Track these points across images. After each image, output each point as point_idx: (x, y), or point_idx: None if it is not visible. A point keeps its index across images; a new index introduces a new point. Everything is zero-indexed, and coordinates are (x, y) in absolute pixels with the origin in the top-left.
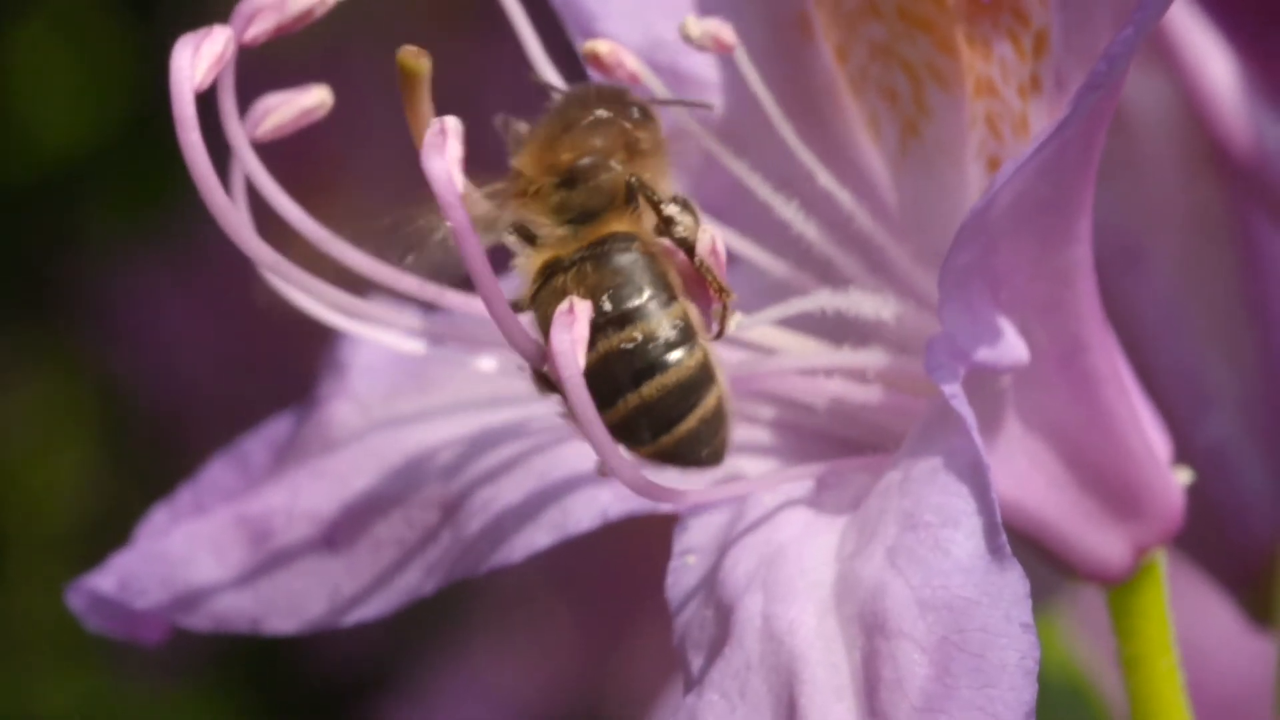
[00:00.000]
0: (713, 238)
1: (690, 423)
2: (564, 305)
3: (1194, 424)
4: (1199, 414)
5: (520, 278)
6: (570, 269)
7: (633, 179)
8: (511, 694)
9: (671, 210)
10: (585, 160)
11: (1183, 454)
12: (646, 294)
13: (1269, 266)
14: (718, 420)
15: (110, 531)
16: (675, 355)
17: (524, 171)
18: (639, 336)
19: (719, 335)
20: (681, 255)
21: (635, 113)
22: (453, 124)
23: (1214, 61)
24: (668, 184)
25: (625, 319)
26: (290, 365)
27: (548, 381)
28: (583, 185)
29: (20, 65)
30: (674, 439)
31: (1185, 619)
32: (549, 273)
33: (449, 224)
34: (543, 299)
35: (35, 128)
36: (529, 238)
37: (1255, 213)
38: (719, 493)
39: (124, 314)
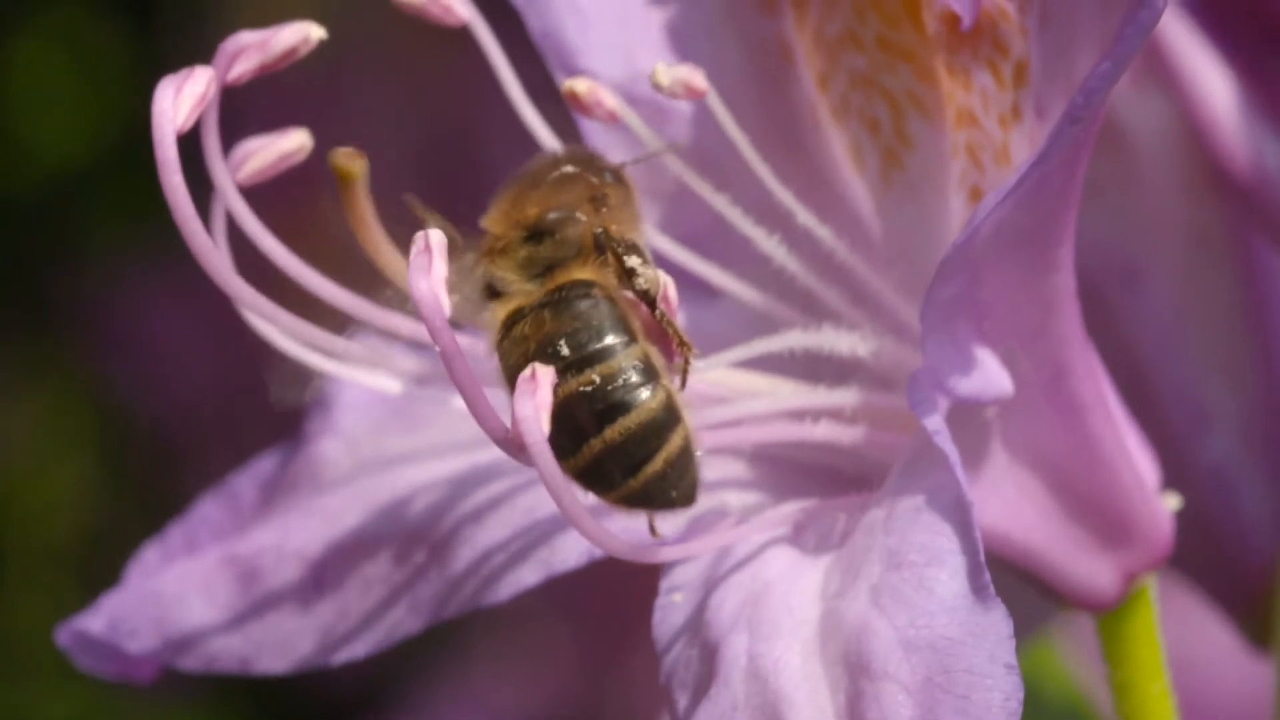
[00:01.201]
0: (665, 284)
1: (656, 465)
2: (526, 372)
3: (1193, 444)
4: (1198, 434)
5: (486, 330)
6: (529, 316)
7: (599, 230)
8: (510, 711)
9: (634, 263)
10: (552, 214)
11: (1182, 474)
12: (605, 337)
13: (1268, 286)
14: (684, 461)
15: (109, 545)
16: (637, 396)
17: (492, 229)
18: (597, 379)
19: (680, 387)
20: (644, 308)
21: (606, 175)
22: (436, 239)
23: (1213, 82)
24: (637, 239)
25: (584, 362)
26: None
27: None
28: (549, 239)
29: (18, 79)
30: (641, 482)
31: (1184, 640)
32: (511, 322)
33: (436, 348)
34: (505, 349)
35: (33, 141)
36: (496, 294)
37: (1254, 233)
38: (694, 548)
39: (122, 328)
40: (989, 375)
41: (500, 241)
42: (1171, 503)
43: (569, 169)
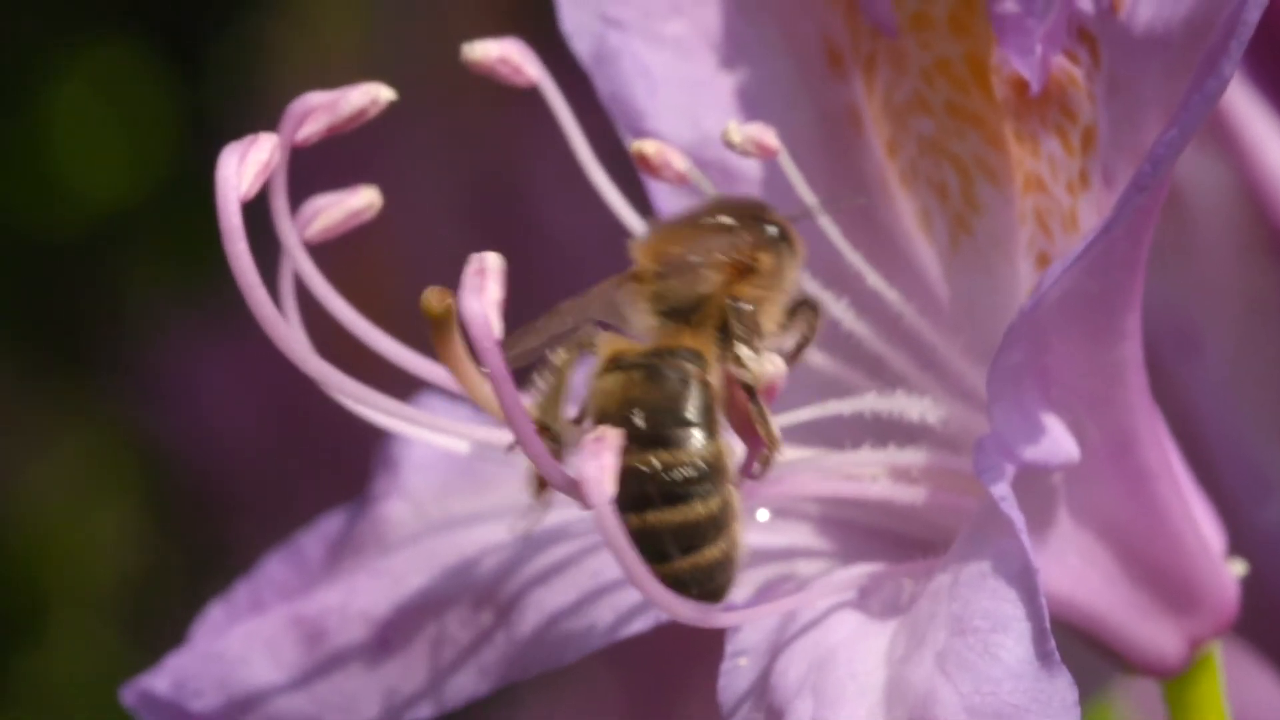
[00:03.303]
0: (775, 379)
1: (683, 565)
2: (594, 433)
3: (1254, 509)
4: (1259, 499)
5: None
6: (625, 370)
7: (731, 300)
8: None
9: (744, 353)
10: (691, 256)
11: (1243, 539)
12: (681, 424)
13: None
14: (716, 571)
15: (149, 591)
16: (688, 493)
17: (637, 257)
18: (656, 464)
19: (757, 476)
20: (740, 393)
21: (769, 230)
22: (493, 262)
23: (1272, 146)
24: (775, 312)
25: (652, 441)
26: (331, 426)
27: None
28: (678, 280)
29: (60, 123)
30: (662, 573)
31: (1244, 702)
32: (611, 365)
33: (484, 369)
34: (594, 388)
35: (75, 186)
36: (616, 324)
37: None
38: (759, 612)
39: (164, 372)
40: (1056, 442)
41: (640, 271)
42: (1236, 569)
43: (727, 220)
